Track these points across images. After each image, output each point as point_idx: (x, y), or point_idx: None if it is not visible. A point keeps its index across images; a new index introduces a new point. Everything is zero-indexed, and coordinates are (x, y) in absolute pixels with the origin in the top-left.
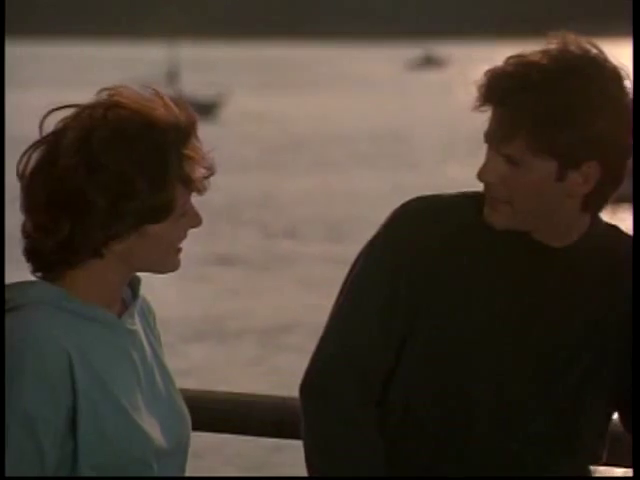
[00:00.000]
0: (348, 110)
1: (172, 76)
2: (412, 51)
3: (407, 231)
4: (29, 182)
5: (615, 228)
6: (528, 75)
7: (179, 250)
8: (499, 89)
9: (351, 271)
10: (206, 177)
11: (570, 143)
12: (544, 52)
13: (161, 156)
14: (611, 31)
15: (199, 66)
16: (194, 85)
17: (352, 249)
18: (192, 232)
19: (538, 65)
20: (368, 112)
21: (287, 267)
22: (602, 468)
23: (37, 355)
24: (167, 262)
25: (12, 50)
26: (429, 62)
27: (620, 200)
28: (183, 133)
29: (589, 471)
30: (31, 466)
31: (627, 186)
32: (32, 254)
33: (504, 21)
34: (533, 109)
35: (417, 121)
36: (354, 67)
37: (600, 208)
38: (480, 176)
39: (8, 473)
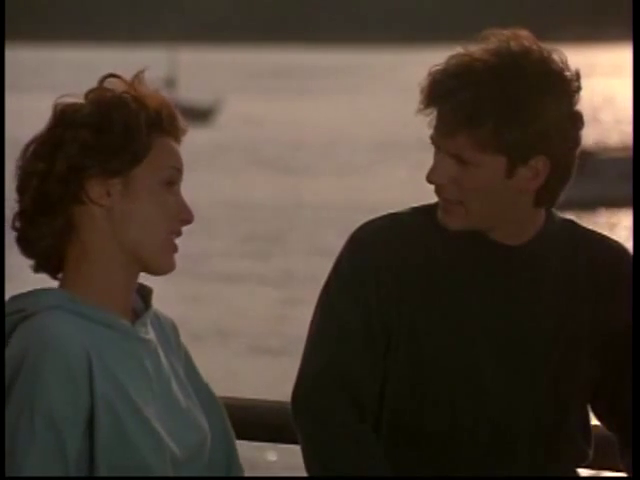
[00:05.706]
0: (345, 116)
1: (170, 81)
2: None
3: (370, 249)
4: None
5: (571, 221)
6: (471, 72)
7: (174, 248)
8: (442, 88)
9: (323, 292)
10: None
11: (517, 138)
12: (485, 49)
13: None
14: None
15: (197, 71)
16: (192, 90)
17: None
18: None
19: (480, 61)
20: (365, 118)
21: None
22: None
23: (59, 355)
24: (161, 253)
25: (10, 54)
26: None
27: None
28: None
29: (576, 472)
30: (55, 466)
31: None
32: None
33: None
34: (477, 105)
35: None
36: (353, 72)
37: (552, 203)
38: (429, 178)
39: (32, 473)
